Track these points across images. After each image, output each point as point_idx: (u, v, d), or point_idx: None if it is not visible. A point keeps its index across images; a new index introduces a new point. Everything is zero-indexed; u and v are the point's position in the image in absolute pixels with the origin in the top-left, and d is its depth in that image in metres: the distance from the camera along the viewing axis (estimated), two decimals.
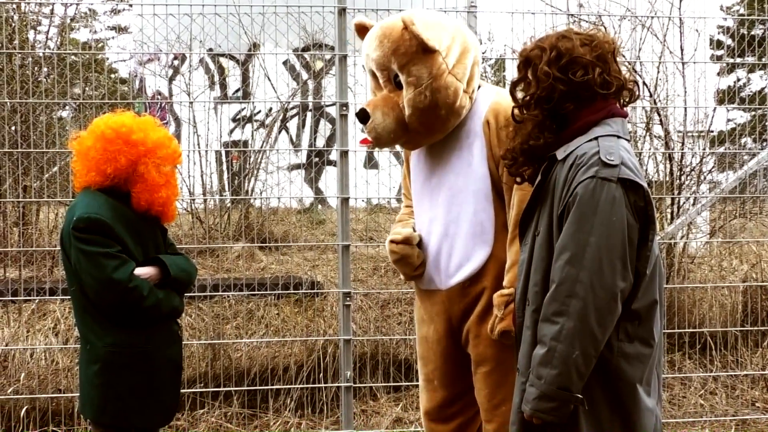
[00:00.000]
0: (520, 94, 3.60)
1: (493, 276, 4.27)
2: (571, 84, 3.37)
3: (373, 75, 4.42)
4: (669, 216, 8.41)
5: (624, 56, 7.98)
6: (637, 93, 3.58)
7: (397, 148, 9.83)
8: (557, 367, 3.16)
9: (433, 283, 4.46)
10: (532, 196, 3.55)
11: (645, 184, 3.24)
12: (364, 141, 4.46)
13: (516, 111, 3.64)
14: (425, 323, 4.60)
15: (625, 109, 3.55)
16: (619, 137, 3.35)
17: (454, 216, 4.34)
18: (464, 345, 4.46)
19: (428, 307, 4.55)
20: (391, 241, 4.51)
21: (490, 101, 4.30)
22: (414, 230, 4.58)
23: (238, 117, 10.57)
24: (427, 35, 4.14)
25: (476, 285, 4.32)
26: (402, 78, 4.23)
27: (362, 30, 4.51)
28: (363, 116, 4.30)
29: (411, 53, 4.17)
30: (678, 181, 8.34)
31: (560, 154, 3.38)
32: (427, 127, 4.28)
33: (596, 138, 3.31)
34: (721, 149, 8.94)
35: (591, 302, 3.12)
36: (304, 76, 11.34)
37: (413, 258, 4.48)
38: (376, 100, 4.33)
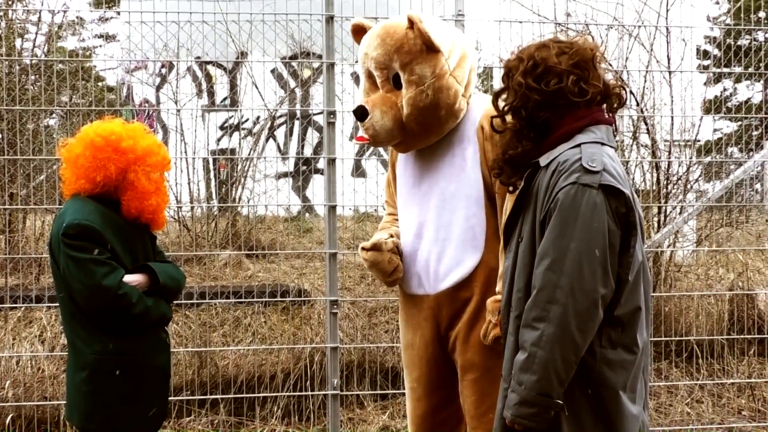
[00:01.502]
0: (502, 104, 3.61)
1: (482, 282, 4.27)
2: (544, 93, 3.38)
3: (369, 75, 4.42)
4: (656, 225, 8.43)
5: (611, 64, 8.00)
6: (624, 98, 3.58)
7: (384, 156, 9.86)
8: (537, 372, 3.16)
9: (422, 288, 4.45)
10: (515, 203, 3.56)
11: (627, 191, 3.24)
12: (360, 138, 4.44)
13: (496, 121, 3.66)
14: (411, 330, 4.59)
15: (611, 116, 3.55)
16: (603, 144, 3.35)
17: (445, 221, 4.33)
18: (451, 352, 4.45)
19: (415, 313, 4.53)
20: (362, 248, 4.52)
21: (483, 107, 4.31)
22: (392, 236, 4.59)
23: (225, 125, 10.58)
24: (433, 33, 4.16)
25: (465, 290, 4.31)
26: (403, 77, 4.23)
27: (359, 31, 4.51)
28: (361, 113, 4.29)
29: (415, 51, 4.19)
30: (665, 190, 8.37)
31: (543, 160, 3.38)
32: (424, 127, 4.28)
33: (579, 145, 3.31)
34: (708, 158, 8.97)
35: (571, 308, 3.12)
36: (292, 84, 11.36)
37: (383, 264, 4.46)
38: (375, 99, 4.33)
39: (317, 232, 10.21)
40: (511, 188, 3.72)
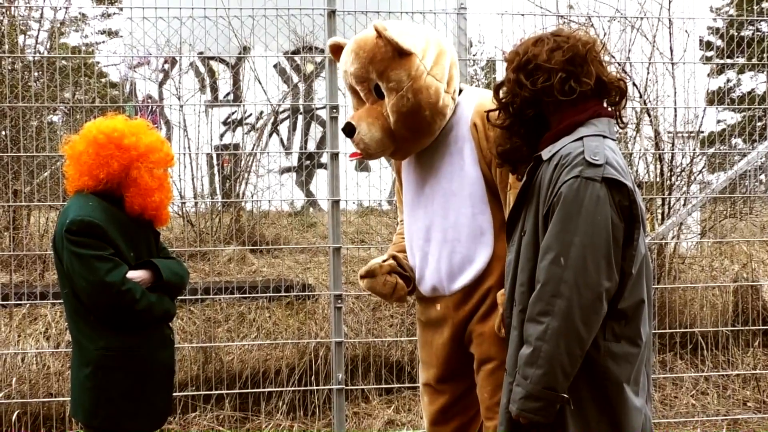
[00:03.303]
0: (502, 96, 3.62)
1: (498, 275, 4.26)
2: (532, 90, 3.39)
3: (354, 91, 4.44)
4: (660, 217, 8.42)
5: (614, 56, 8.00)
6: (626, 91, 3.56)
7: None
8: (542, 366, 3.17)
9: (437, 290, 4.46)
10: (518, 197, 3.56)
11: (629, 183, 3.24)
12: (353, 154, 4.46)
13: (492, 114, 3.66)
14: (429, 330, 4.59)
15: (612, 109, 3.54)
16: (605, 137, 3.35)
17: (451, 221, 4.33)
18: (467, 345, 4.46)
19: (432, 314, 4.54)
20: (359, 276, 4.58)
21: (474, 104, 4.30)
22: (394, 257, 4.62)
23: (228, 120, 10.58)
24: (401, 39, 4.15)
25: (481, 286, 4.31)
26: (382, 86, 4.23)
27: (337, 50, 4.52)
28: (349, 130, 4.30)
29: (387, 59, 4.17)
30: (668, 181, 8.36)
31: (545, 154, 3.38)
32: (413, 131, 4.28)
33: (581, 138, 3.31)
34: (712, 150, 8.96)
35: (576, 302, 3.13)
36: (295, 78, 11.35)
37: (379, 288, 4.53)
38: (360, 113, 4.34)
39: (321, 226, 10.22)
40: (520, 177, 3.71)
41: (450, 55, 4.37)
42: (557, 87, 3.36)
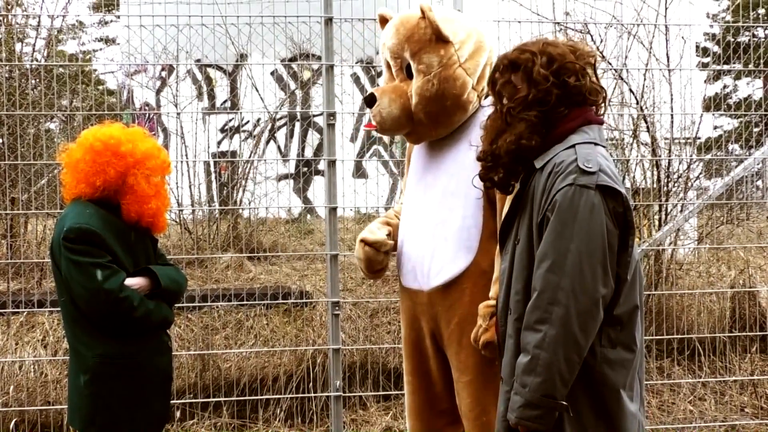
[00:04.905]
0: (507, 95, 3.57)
1: (472, 284, 4.27)
2: (566, 88, 3.38)
3: (388, 66, 4.50)
4: (657, 223, 8.42)
5: (610, 63, 8.01)
6: (603, 99, 3.57)
7: (385, 156, 9.86)
8: (541, 374, 3.16)
9: (417, 283, 4.46)
10: (511, 205, 3.56)
11: (623, 190, 3.25)
12: (369, 125, 4.52)
13: (510, 111, 3.57)
14: (407, 323, 4.62)
15: (601, 116, 3.55)
16: (596, 144, 3.36)
17: (442, 218, 4.35)
18: (446, 350, 4.46)
19: (410, 306, 4.56)
20: (362, 240, 4.56)
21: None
22: (390, 234, 4.61)
23: (226, 127, 10.59)
24: (443, 23, 4.18)
25: (455, 291, 4.31)
26: (413, 66, 4.29)
27: (384, 22, 4.57)
28: (370, 100, 4.37)
29: (424, 41, 4.24)
30: (665, 188, 8.36)
31: (538, 162, 3.38)
32: (431, 118, 4.31)
33: (573, 146, 3.32)
34: (708, 156, 8.96)
35: (573, 309, 3.13)
36: (292, 86, 11.36)
37: (375, 264, 4.56)
38: (386, 87, 4.41)
39: (318, 233, 10.22)
40: (488, 183, 3.66)
41: (488, 53, 4.41)
42: (588, 87, 3.38)
